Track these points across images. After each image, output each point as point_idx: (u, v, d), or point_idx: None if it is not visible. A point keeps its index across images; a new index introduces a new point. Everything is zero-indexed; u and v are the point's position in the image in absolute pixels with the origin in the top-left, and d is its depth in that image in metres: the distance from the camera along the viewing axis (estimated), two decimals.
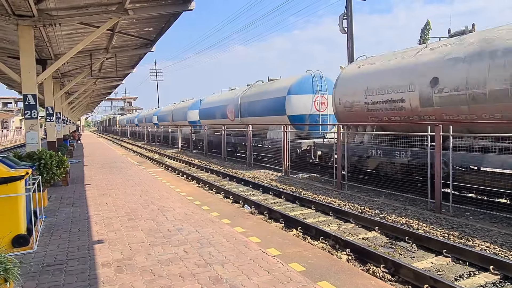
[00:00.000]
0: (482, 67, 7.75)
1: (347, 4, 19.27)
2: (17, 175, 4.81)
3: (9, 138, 49.53)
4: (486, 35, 8.11)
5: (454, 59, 8.36)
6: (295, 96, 14.62)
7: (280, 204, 9.32)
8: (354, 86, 10.98)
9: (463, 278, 4.94)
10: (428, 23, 44.43)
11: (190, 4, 8.35)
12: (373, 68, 10.71)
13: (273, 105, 15.54)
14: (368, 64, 11.07)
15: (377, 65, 10.63)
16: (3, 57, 11.55)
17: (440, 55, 8.76)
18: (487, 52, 7.76)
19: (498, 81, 7.43)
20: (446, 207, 7.85)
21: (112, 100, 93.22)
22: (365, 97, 10.50)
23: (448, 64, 8.43)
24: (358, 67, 11.39)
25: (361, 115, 10.78)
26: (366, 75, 10.78)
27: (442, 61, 8.63)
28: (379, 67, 10.47)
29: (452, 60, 8.38)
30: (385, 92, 9.87)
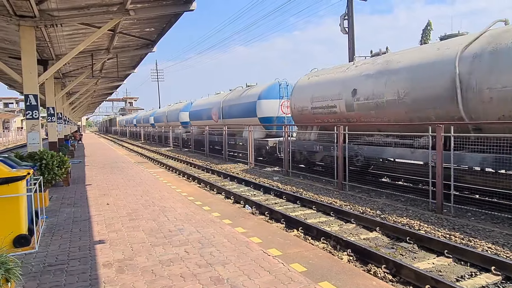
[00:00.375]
0: (382, 82, 10.12)
1: (348, 4, 19.27)
2: (18, 175, 4.82)
3: (11, 138, 49.62)
4: (387, 57, 10.58)
5: (366, 75, 10.78)
6: (264, 101, 17.11)
7: (281, 205, 9.32)
8: (304, 94, 13.55)
9: (464, 278, 4.93)
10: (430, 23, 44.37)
11: (191, 4, 8.36)
12: (317, 80, 13.27)
13: (247, 108, 18.00)
14: (314, 76, 13.63)
15: (320, 77, 13.20)
16: (5, 57, 11.56)
17: (359, 72, 11.20)
18: (386, 71, 10.16)
19: (391, 93, 9.83)
20: (447, 208, 7.84)
21: (113, 100, 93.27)
22: (311, 103, 13.07)
23: (363, 79, 10.84)
24: (308, 78, 13.89)
25: (309, 117, 13.39)
26: (312, 85, 13.33)
27: (359, 76, 11.05)
28: (321, 80, 13.03)
29: (365, 76, 10.80)
30: (324, 100, 12.43)
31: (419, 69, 9.25)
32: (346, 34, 19.50)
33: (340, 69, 12.39)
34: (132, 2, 7.98)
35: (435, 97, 8.76)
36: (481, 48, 8.01)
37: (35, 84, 8.34)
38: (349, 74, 11.64)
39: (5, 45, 10.53)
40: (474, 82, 7.93)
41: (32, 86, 8.31)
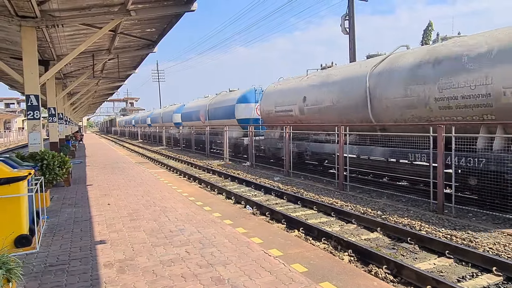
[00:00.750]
0: (323, 92, 12.67)
1: (349, 4, 19.27)
2: (19, 176, 4.82)
3: (12, 138, 49.67)
4: (328, 72, 13.16)
5: (313, 86, 13.34)
6: (241, 104, 19.51)
7: (282, 205, 9.32)
8: (270, 100, 16.08)
9: (465, 279, 4.92)
10: (431, 24, 44.31)
11: (192, 5, 8.37)
12: (280, 88, 15.80)
13: (228, 111, 20.38)
14: (278, 85, 16.21)
15: (282, 86, 15.71)
16: (6, 58, 11.58)
17: (308, 82, 13.70)
18: (326, 83, 12.72)
19: (328, 100, 12.35)
20: (448, 208, 7.83)
21: (114, 101, 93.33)
22: (275, 107, 15.54)
23: (311, 88, 13.38)
24: (274, 87, 16.44)
25: (273, 119, 15.86)
26: (277, 92, 15.86)
27: (308, 86, 13.60)
28: (283, 88, 15.53)
29: (312, 86, 13.36)
30: (284, 105, 14.91)
31: (346, 82, 11.66)
32: (347, 35, 19.50)
33: (297, 80, 14.86)
34: (133, 2, 8.00)
35: (355, 104, 11.10)
36: (383, 68, 10.36)
37: (36, 85, 8.35)
38: (302, 84, 14.14)
39: (6, 45, 10.55)
40: (378, 94, 10.29)
41: (33, 87, 8.32)
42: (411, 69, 9.41)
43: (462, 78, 8.10)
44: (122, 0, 7.98)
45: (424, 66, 9.08)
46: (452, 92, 8.31)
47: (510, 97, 7.25)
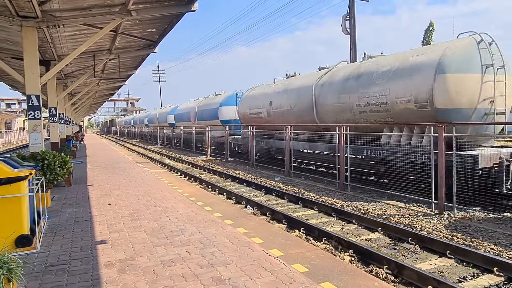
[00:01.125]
0: (284, 98, 15.00)
1: (350, 5, 19.25)
2: (20, 176, 4.83)
3: (13, 138, 49.74)
4: (289, 80, 15.77)
5: (277, 92, 15.75)
6: (224, 107, 22.09)
7: (282, 205, 9.32)
8: (246, 104, 18.56)
9: (466, 279, 4.92)
10: (432, 24, 44.27)
11: (193, 5, 8.37)
12: (253, 94, 18.34)
13: (213, 113, 22.99)
14: (252, 91, 18.71)
15: (255, 92, 18.23)
16: (7, 58, 11.60)
17: (274, 89, 16.26)
18: (287, 90, 15.08)
19: (288, 105, 14.66)
20: (449, 208, 7.81)
21: (115, 101, 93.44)
22: (249, 110, 18.00)
23: (276, 94, 15.82)
24: (249, 92, 18.99)
25: (248, 120, 18.21)
26: (250, 97, 18.39)
27: (274, 92, 16.04)
28: (255, 93, 18.05)
29: (277, 93, 15.75)
30: (255, 108, 17.41)
31: (300, 91, 13.98)
32: (347, 35, 19.48)
33: (266, 87, 17.54)
34: (134, 2, 8.00)
35: (306, 108, 13.42)
36: (325, 80, 12.83)
37: (37, 85, 8.36)
38: (269, 90, 16.67)
39: (7, 45, 10.56)
40: (321, 101, 12.72)
41: (34, 87, 8.33)
42: (342, 82, 11.84)
43: (372, 90, 10.41)
44: (123, 0, 7.99)
45: (350, 79, 11.49)
46: (366, 100, 10.60)
47: (400, 105, 9.62)
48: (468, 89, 8.68)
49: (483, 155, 8.12)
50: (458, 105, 8.67)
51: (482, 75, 8.72)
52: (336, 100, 11.85)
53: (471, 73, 8.70)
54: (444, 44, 9.32)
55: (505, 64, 8.94)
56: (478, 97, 8.70)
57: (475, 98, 8.70)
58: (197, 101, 27.73)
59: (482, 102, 8.75)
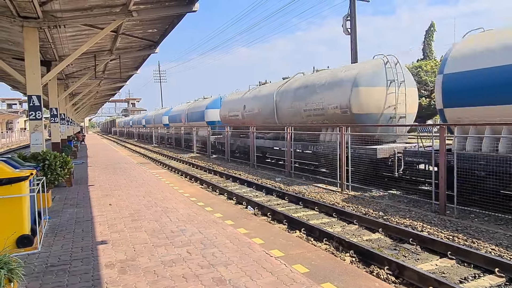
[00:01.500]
0: (255, 102, 17.56)
1: (351, 5, 19.25)
2: (21, 176, 4.83)
3: (14, 139, 49.80)
4: (259, 88, 18.35)
5: (250, 98, 18.30)
6: (209, 110, 24.85)
7: (283, 206, 9.31)
8: (226, 107, 21.16)
9: (468, 280, 4.91)
10: (433, 24, 44.16)
11: (194, 5, 8.38)
12: (232, 98, 21.01)
13: (200, 115, 25.88)
14: (232, 96, 21.54)
15: (234, 97, 20.87)
16: (8, 58, 11.62)
17: (248, 95, 18.80)
18: (257, 96, 17.66)
19: (257, 108, 17.21)
20: (450, 209, 7.81)
21: (116, 101, 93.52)
22: (229, 112, 20.54)
23: (249, 100, 18.31)
24: (229, 97, 21.85)
25: (228, 122, 20.71)
26: (230, 101, 21.08)
27: (248, 98, 18.52)
28: (234, 98, 20.68)
29: (249, 98, 18.31)
30: (233, 111, 19.94)
31: (266, 97, 16.58)
32: (348, 35, 19.48)
33: (242, 93, 20.09)
34: (135, 3, 8.01)
35: (270, 112, 16.03)
36: (283, 89, 15.44)
37: (38, 85, 8.37)
38: (244, 96, 19.20)
39: (8, 46, 10.58)
40: (280, 105, 15.28)
41: (35, 87, 8.34)
42: (295, 90, 14.40)
43: (314, 98, 13.01)
44: (124, 0, 7.99)
45: (300, 89, 14.06)
46: (310, 106, 13.16)
47: (330, 110, 12.19)
48: (375, 99, 11.29)
49: (381, 148, 10.35)
50: (368, 110, 11.28)
51: (386, 88, 11.33)
52: (290, 105, 14.50)
53: (378, 86, 11.31)
54: (361, 64, 12.51)
55: (405, 79, 11.58)
56: (384, 105, 11.33)
57: (382, 105, 11.32)
58: (188, 104, 30.73)
59: (387, 109, 11.36)
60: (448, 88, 8.60)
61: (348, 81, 11.57)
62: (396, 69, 11.52)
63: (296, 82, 14.78)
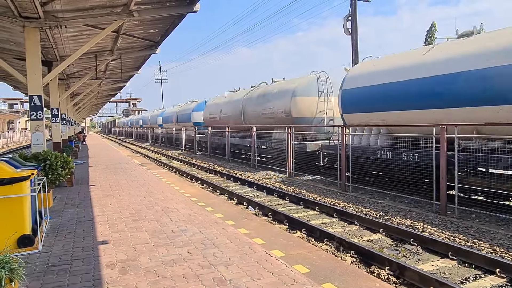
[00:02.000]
0: (228, 106, 20.58)
1: (351, 5, 19.24)
2: (22, 176, 4.84)
3: (15, 139, 49.88)
4: (232, 94, 21.44)
5: (225, 102, 21.36)
6: (195, 112, 28.29)
7: (284, 206, 9.31)
8: (208, 110, 24.30)
9: (469, 281, 4.90)
10: (434, 24, 44.16)
11: (195, 5, 8.38)
12: (212, 103, 24.26)
13: (187, 116, 29.58)
14: (212, 101, 24.83)
15: (214, 101, 24.15)
16: (10, 58, 11.64)
17: (224, 100, 21.82)
18: (229, 101, 20.76)
19: (229, 112, 20.17)
20: (451, 209, 7.80)
21: (117, 101, 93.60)
22: (209, 115, 23.62)
23: (224, 104, 21.51)
24: (210, 101, 25.18)
25: (210, 123, 23.55)
26: (210, 105, 24.25)
27: (224, 102, 21.68)
28: (214, 102, 23.94)
29: (225, 103, 21.33)
30: (213, 113, 22.99)
31: (237, 102, 19.54)
32: (349, 36, 19.47)
33: (220, 97, 23.36)
34: (136, 3, 8.01)
35: (238, 115, 19.14)
36: (248, 95, 18.59)
37: (39, 85, 8.38)
38: (221, 101, 22.46)
39: (10, 46, 10.60)
40: (247, 109, 18.30)
41: (37, 87, 8.35)
42: (257, 98, 17.76)
43: (268, 104, 16.29)
44: (125, 1, 8.00)
45: (260, 96, 17.42)
46: (266, 110, 16.40)
47: (279, 114, 15.37)
48: (309, 106, 14.76)
49: (310, 143, 13.50)
50: (304, 114, 14.76)
51: (318, 98, 14.77)
52: (253, 110, 17.72)
53: (311, 96, 14.78)
54: (300, 79, 15.64)
55: (333, 91, 14.54)
56: (316, 110, 14.77)
57: (314, 111, 14.75)
58: (179, 106, 34.28)
59: (319, 113, 14.77)
60: (344, 99, 11.92)
61: (289, 92, 15.10)
62: (327, 83, 14.89)
63: (258, 91, 18.15)
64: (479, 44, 8.43)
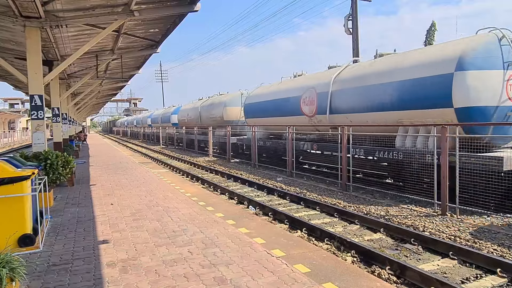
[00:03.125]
0: (193, 112, 27.47)
1: (352, 5, 19.22)
2: (23, 175, 4.84)
3: (16, 138, 49.95)
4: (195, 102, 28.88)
5: (191, 108, 28.37)
6: (174, 115, 33.92)
7: (285, 205, 9.31)
8: (180, 114, 30.90)
9: (469, 280, 4.89)
10: (434, 24, 44.05)
11: (196, 5, 8.37)
12: (184, 108, 31.03)
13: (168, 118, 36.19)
14: (184, 106, 31.21)
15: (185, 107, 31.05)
16: (11, 58, 11.65)
17: (190, 106, 29.04)
18: (193, 108, 27.61)
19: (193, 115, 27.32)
20: (452, 209, 7.78)
21: (117, 101, 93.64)
22: (181, 118, 30.44)
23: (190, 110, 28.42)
24: (183, 107, 31.41)
25: (182, 124, 29.85)
26: (183, 110, 30.85)
27: (190, 108, 28.77)
28: (185, 108, 30.72)
29: (190, 109, 28.43)
30: (183, 117, 29.95)
31: (197, 108, 26.08)
32: (350, 35, 19.45)
33: (189, 104, 29.77)
34: (136, 3, 8.01)
35: (197, 118, 25.83)
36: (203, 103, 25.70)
37: (40, 85, 8.38)
38: (188, 107, 29.13)
39: (11, 46, 10.61)
40: (202, 114, 25.39)
41: (38, 87, 8.35)
42: (208, 106, 24.20)
43: (212, 111, 22.95)
44: (125, 0, 8.00)
45: (209, 105, 23.77)
46: (211, 115, 22.95)
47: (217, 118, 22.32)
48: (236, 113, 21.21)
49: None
50: (231, 118, 21.17)
51: (241, 107, 20.31)
52: (206, 115, 24.18)
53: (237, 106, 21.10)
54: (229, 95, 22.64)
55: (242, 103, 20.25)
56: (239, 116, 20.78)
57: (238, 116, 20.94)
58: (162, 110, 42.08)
59: (241, 117, 20.40)
60: (246, 110, 18.96)
61: (222, 103, 22.05)
62: (241, 98, 20.82)
63: (209, 101, 24.87)
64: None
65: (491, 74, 8.11)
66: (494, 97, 8.09)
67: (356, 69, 12.15)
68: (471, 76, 8.02)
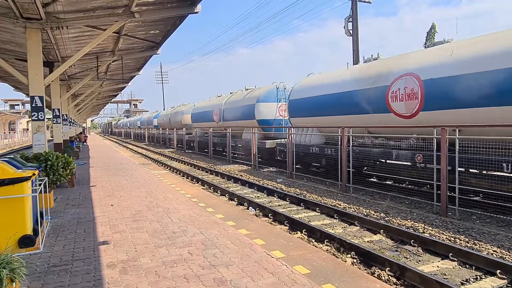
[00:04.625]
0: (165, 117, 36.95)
1: (352, 6, 19.26)
2: (23, 176, 4.85)
3: (16, 139, 49.98)
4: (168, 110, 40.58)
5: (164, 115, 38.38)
6: (155, 119, 42.10)
7: (284, 207, 9.31)
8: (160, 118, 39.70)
9: (469, 282, 4.90)
10: (434, 26, 44.14)
11: (196, 7, 8.40)
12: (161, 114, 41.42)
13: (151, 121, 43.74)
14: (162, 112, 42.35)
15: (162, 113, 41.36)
16: (11, 59, 11.67)
17: (165, 113, 38.90)
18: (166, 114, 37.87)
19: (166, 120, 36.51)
20: (452, 211, 7.79)
21: (118, 102, 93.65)
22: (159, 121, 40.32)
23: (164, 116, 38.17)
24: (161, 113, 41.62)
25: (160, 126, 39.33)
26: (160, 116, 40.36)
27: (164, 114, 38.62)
28: (161, 114, 40.76)
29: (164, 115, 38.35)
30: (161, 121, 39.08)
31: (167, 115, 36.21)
32: (350, 36, 19.48)
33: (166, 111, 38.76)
34: (137, 4, 8.03)
35: (167, 122, 35.46)
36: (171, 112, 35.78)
37: (41, 86, 8.40)
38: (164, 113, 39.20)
39: (11, 47, 10.63)
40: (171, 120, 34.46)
41: (38, 88, 8.37)
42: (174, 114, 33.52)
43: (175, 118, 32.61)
44: (126, 2, 8.02)
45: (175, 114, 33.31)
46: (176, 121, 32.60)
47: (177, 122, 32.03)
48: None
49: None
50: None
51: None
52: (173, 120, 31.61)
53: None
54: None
55: None
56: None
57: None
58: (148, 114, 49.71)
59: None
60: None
61: (181, 112, 29.40)
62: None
63: (175, 109, 31.76)
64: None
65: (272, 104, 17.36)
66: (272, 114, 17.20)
67: None
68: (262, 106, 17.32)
